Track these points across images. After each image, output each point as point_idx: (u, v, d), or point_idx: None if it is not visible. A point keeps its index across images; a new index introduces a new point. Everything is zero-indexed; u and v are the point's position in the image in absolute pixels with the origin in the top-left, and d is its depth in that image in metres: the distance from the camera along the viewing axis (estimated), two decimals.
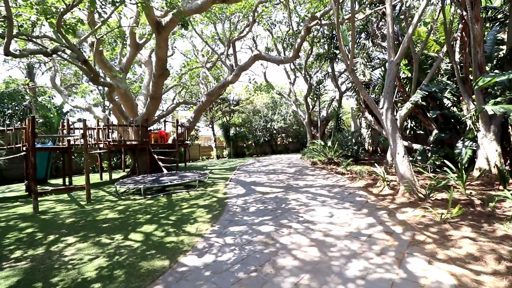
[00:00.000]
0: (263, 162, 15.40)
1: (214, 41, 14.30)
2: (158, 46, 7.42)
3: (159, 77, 8.38)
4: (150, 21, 6.54)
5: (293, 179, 8.16)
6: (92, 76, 6.00)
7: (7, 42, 3.58)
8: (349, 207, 4.82)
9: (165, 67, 8.22)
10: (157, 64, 8.10)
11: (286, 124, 26.74)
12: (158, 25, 6.64)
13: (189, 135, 12.42)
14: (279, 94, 19.27)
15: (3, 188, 10.06)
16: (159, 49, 7.53)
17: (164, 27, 6.72)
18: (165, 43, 7.30)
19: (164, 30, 6.78)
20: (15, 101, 14.42)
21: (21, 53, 4.27)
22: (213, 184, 8.00)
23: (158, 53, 7.67)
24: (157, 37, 7.02)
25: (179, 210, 5.23)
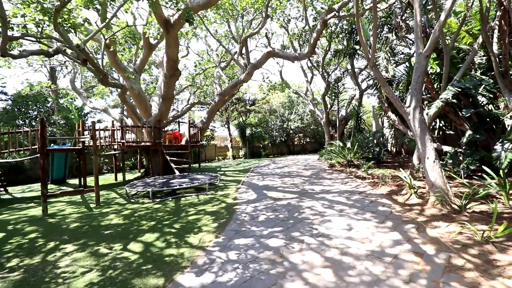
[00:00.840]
0: (278, 163, 14.94)
1: (229, 40, 14.05)
2: (168, 45, 7.23)
3: (171, 77, 8.21)
4: (159, 19, 6.34)
5: (308, 183, 7.65)
6: (100, 77, 5.90)
7: (3, 42, 3.47)
8: (370, 219, 4.28)
9: (176, 67, 8.03)
10: (168, 64, 7.93)
11: (303, 124, 26.05)
12: (166, 23, 6.43)
13: (203, 136, 12.23)
14: (295, 93, 18.68)
15: (25, 188, 10.39)
16: (169, 49, 7.34)
17: (173, 25, 6.49)
18: (174, 42, 7.09)
19: (173, 28, 6.55)
20: (39, 103, 15.00)
21: (21, 54, 4.19)
22: (224, 188, 7.68)
23: (168, 52, 7.49)
24: (166, 36, 6.82)
25: (185, 217, 4.94)
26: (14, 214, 5.93)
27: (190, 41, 13.38)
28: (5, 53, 3.74)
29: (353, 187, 6.75)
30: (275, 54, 8.06)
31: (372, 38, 4.95)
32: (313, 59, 17.09)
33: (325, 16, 6.93)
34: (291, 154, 27.67)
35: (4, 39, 3.50)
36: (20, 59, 6.07)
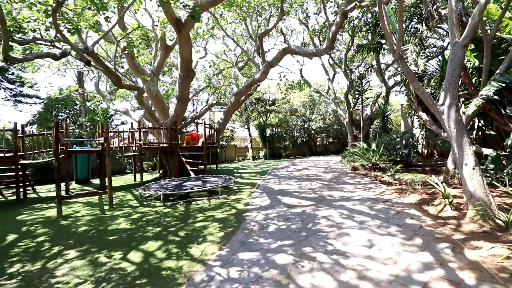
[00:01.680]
0: (298, 165, 14.39)
1: (247, 40, 13.79)
2: (181, 46, 7.09)
3: (185, 78, 8.10)
4: (169, 19, 6.21)
5: (327, 189, 7.12)
6: (114, 80, 5.89)
7: (4, 46, 3.47)
8: (395, 234, 3.74)
9: (190, 67, 7.90)
10: (181, 65, 7.81)
11: (325, 124, 25.14)
12: (178, 23, 6.28)
13: (219, 137, 12.07)
14: (316, 92, 17.99)
15: (51, 187, 10.86)
16: (182, 49, 7.21)
17: (184, 24, 6.33)
18: (187, 42, 6.94)
19: (184, 28, 6.39)
20: (68, 106, 15.80)
21: (25, 58, 4.22)
22: (238, 191, 7.39)
23: (181, 53, 7.37)
24: (178, 36, 6.68)
25: (192, 224, 4.70)
26: (33, 215, 6.08)
27: (208, 42, 13.32)
28: (8, 56, 3.75)
29: (377, 194, 6.13)
30: (291, 50, 7.61)
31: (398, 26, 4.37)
32: (335, 56, 16.33)
33: (345, 7, 6.37)
34: (313, 155, 26.86)
35: (5, 43, 3.50)
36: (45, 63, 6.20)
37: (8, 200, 8.16)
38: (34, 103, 18.24)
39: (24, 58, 4.23)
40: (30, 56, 4.32)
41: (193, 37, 10.13)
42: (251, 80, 9.34)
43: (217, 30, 12.18)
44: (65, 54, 4.58)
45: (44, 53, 4.56)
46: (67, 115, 16.59)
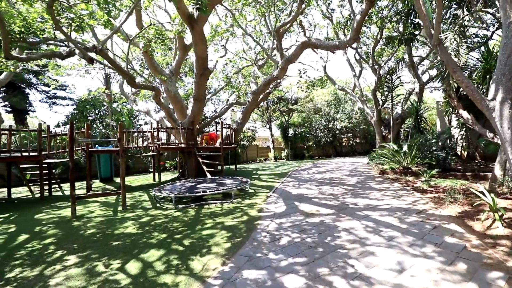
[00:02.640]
0: (320, 167, 13.67)
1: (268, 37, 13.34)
2: (195, 43, 6.86)
3: (201, 77, 7.87)
4: (182, 15, 5.98)
5: (351, 195, 6.47)
6: (127, 79, 5.81)
7: (4, 45, 3.41)
8: (432, 255, 3.10)
9: (206, 65, 7.65)
10: (197, 63, 7.60)
11: (351, 123, 23.92)
12: (190, 19, 6.04)
13: (238, 137, 11.77)
14: (341, 89, 17.03)
15: (78, 185, 11.26)
16: (196, 46, 6.98)
17: (197, 20, 6.07)
18: (201, 39, 6.68)
19: (197, 24, 6.13)
20: (96, 107, 16.48)
21: (29, 57, 4.19)
22: (254, 195, 6.99)
23: (196, 51, 7.15)
24: (192, 33, 6.45)
25: (199, 231, 4.38)
26: (50, 214, 6.17)
27: (228, 40, 13.08)
28: (10, 55, 3.71)
29: (409, 204, 5.39)
30: (311, 44, 7.03)
31: (436, 5, 3.68)
32: (361, 50, 15.30)
33: None
34: (338, 156, 25.75)
35: (5, 42, 3.44)
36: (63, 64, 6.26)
37: (35, 198, 8.49)
38: (67, 105, 19.36)
39: (28, 57, 4.23)
40: (34, 55, 4.32)
41: (210, 36, 9.93)
42: (269, 77, 8.88)
43: (236, 28, 11.89)
44: (71, 53, 4.55)
45: (49, 53, 4.55)
46: (96, 115, 17.32)
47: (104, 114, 17.47)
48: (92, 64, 4.87)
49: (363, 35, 13.94)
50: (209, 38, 9.96)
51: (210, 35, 9.81)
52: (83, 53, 4.51)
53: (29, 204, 7.41)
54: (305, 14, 12.54)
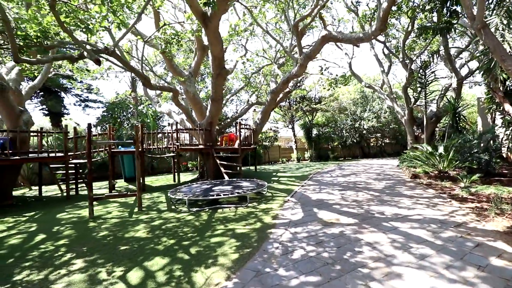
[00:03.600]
0: (345, 169, 12.94)
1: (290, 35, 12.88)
2: (210, 42, 6.69)
3: (217, 77, 7.70)
4: (195, 13, 5.83)
5: (377, 202, 5.87)
6: (143, 81, 5.79)
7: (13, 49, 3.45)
8: (475, 281, 2.56)
9: (222, 65, 7.46)
10: (213, 63, 7.43)
11: (379, 122, 22.56)
12: (204, 17, 5.86)
13: (257, 138, 11.49)
14: (368, 87, 16.03)
15: (103, 184, 11.70)
16: (211, 46, 6.81)
17: (211, 18, 5.87)
18: (216, 38, 6.48)
19: (211, 22, 5.93)
20: (123, 110, 17.14)
21: (39, 60, 4.24)
22: (270, 199, 6.65)
23: (212, 50, 6.98)
24: (206, 32, 6.28)
25: (208, 238, 4.15)
26: (71, 213, 6.33)
27: (248, 39, 12.85)
28: (18, 58, 3.76)
29: (446, 214, 4.72)
30: (332, 38, 6.50)
31: None
32: (390, 44, 14.24)
33: None
34: (366, 157, 24.51)
35: (13, 46, 3.49)
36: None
37: (63, 196, 8.89)
38: (98, 107, 20.44)
39: (38, 60, 4.31)
40: (45, 58, 4.40)
41: (229, 35, 9.75)
42: (288, 75, 8.46)
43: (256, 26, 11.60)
44: (82, 56, 4.59)
45: (60, 56, 4.62)
46: (124, 117, 18.04)
47: (131, 116, 18.15)
48: (99, 65, 4.89)
49: (392, 28, 12.96)
50: (227, 37, 9.80)
51: (228, 34, 9.65)
52: (90, 54, 4.52)
53: (55, 203, 7.74)
54: (328, 8, 11.93)
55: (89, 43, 4.97)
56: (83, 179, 10.46)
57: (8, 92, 6.81)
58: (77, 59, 4.60)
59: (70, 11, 4.11)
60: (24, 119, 7.75)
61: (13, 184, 7.84)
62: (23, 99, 8.17)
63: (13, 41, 3.57)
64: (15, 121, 7.25)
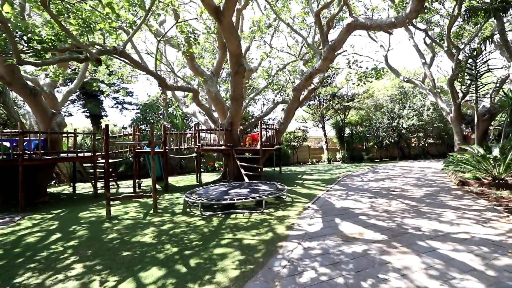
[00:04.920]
0: (379, 172, 11.82)
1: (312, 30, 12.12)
2: (226, 38, 6.37)
3: (236, 75, 7.38)
4: (208, 8, 5.54)
5: (413, 213, 5.04)
6: (158, 82, 5.70)
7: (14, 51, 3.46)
8: None
9: (240, 62, 7.10)
10: (230, 61, 7.12)
11: (421, 121, 20.48)
12: (217, 12, 5.55)
13: (280, 138, 10.97)
14: (408, 81, 14.50)
15: (130, 183, 12.11)
16: (227, 42, 6.49)
17: (224, 12, 5.54)
18: (231, 33, 6.13)
19: (225, 16, 5.60)
20: (154, 111, 17.79)
21: (44, 62, 4.25)
22: (289, 205, 6.14)
23: (228, 47, 6.67)
24: (220, 28, 5.97)
25: (212, 248, 3.81)
26: (93, 212, 6.49)
27: (273, 36, 12.37)
28: (21, 60, 3.78)
29: (502, 234, 3.80)
30: (359, 25, 5.70)
31: None
32: (433, 33, 12.67)
33: None
34: (405, 158, 22.53)
35: (14, 47, 3.50)
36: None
37: (93, 194, 9.29)
38: (133, 109, 21.57)
39: (43, 62, 4.36)
40: (50, 60, 4.44)
41: (250, 32, 9.40)
42: (311, 70, 7.80)
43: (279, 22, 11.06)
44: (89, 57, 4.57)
45: (66, 57, 4.66)
46: (155, 118, 18.74)
47: (161, 117, 18.78)
48: (100, 64, 4.84)
49: (434, 13, 11.47)
50: (249, 34, 9.46)
51: (250, 31, 9.30)
52: (90, 54, 4.47)
53: (83, 201, 8.08)
54: None
55: (99, 44, 5.03)
56: (113, 178, 10.92)
57: (40, 96, 7.26)
58: (84, 60, 4.62)
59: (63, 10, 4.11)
60: (57, 121, 8.22)
61: (47, 182, 8.36)
62: (57, 102, 8.70)
63: (13, 43, 3.63)
64: (47, 123, 7.71)
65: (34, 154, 7.16)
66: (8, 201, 7.24)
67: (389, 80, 25.12)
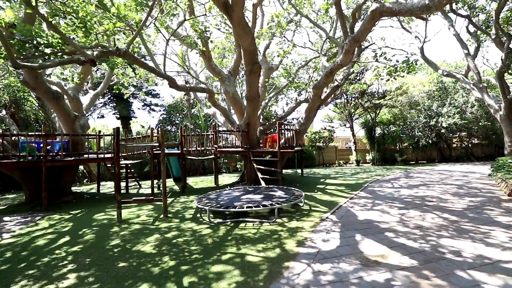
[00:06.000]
0: (414, 177, 10.67)
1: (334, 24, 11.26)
2: (237, 34, 5.98)
3: (250, 74, 6.97)
4: (216, 2, 5.19)
5: (452, 231, 4.23)
6: (168, 83, 5.52)
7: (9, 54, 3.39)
8: None
9: (254, 60, 6.68)
10: (244, 58, 6.73)
11: (464, 119, 18.37)
12: (226, 6, 5.17)
13: (300, 139, 10.36)
14: (447, 75, 12.97)
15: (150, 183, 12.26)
16: (240, 39, 6.10)
17: (233, 6, 5.15)
18: (243, 29, 5.72)
19: (234, 11, 5.21)
20: (178, 112, 18.08)
21: (41, 65, 4.19)
22: (306, 214, 5.59)
23: (241, 44, 6.29)
24: (231, 23, 5.60)
25: (212, 264, 3.44)
26: (107, 214, 6.52)
27: (294, 33, 11.79)
28: (17, 64, 3.72)
29: None
30: (386, 11, 4.91)
31: None
32: (478, 19, 11.13)
33: None
34: (445, 161, 20.48)
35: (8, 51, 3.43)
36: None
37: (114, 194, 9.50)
38: (159, 111, 22.21)
39: (40, 65, 4.31)
40: (49, 63, 4.39)
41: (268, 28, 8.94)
42: (332, 66, 7.08)
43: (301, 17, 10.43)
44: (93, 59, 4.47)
45: (67, 59, 4.58)
46: (180, 119, 19.07)
47: (184, 118, 19.06)
48: (94, 65, 4.71)
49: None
50: (267, 30, 9.01)
51: (268, 27, 8.84)
52: (84, 54, 4.33)
53: (103, 201, 8.24)
54: None
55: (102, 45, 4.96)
56: (135, 178, 11.15)
57: (63, 99, 7.51)
58: (85, 62, 4.55)
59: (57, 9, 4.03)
60: (80, 123, 8.48)
61: (71, 182, 8.67)
62: (81, 106, 9.01)
63: (7, 47, 3.59)
64: (71, 125, 7.98)
65: (57, 155, 7.42)
66: (34, 200, 7.59)
67: (425, 75, 23.00)
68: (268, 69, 11.30)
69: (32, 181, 7.45)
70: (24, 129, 12.95)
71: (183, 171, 9.53)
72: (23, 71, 5.84)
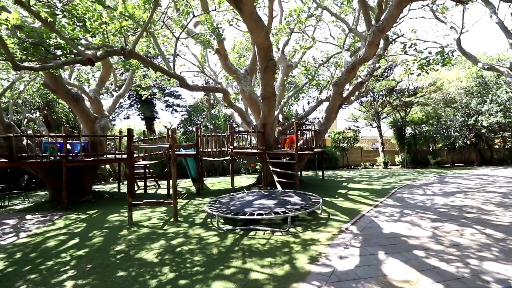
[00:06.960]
0: (449, 182, 9.62)
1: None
2: (249, 29, 5.63)
3: (265, 71, 6.60)
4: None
5: (497, 252, 3.53)
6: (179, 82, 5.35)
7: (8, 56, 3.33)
8: None
9: (269, 56, 6.29)
10: (258, 55, 6.36)
11: (508, 118, 16.48)
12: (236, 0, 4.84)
13: (320, 140, 9.78)
14: (489, 69, 11.58)
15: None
16: (252, 34, 5.74)
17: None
18: (255, 23, 5.35)
19: (244, 3, 4.86)
20: (199, 112, 18.20)
21: (43, 66, 4.12)
22: (322, 224, 5.10)
23: (254, 40, 5.95)
24: (242, 17, 5.25)
25: (212, 279, 3.14)
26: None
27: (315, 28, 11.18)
28: (16, 66, 3.67)
29: None
30: None
31: None
32: None
33: None
34: (486, 164, 18.66)
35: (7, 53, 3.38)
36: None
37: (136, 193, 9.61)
38: (181, 111, 22.58)
39: (42, 66, 4.27)
40: (51, 64, 4.33)
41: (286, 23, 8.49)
42: (354, 60, 6.43)
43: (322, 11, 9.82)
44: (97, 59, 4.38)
45: (70, 60, 4.50)
46: (201, 120, 19.20)
47: (205, 118, 19.15)
48: (92, 65, 4.58)
49: None
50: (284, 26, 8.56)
51: (286, 22, 8.40)
52: (81, 54, 4.21)
53: (120, 201, 8.33)
54: None
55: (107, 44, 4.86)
56: (154, 179, 11.27)
57: (83, 101, 7.69)
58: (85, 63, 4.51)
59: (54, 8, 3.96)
60: (100, 124, 8.65)
61: (91, 182, 8.89)
62: (102, 107, 9.22)
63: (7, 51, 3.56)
64: (91, 126, 8.16)
65: (76, 156, 7.61)
66: (57, 199, 7.84)
67: (463, 69, 20.97)
68: (287, 67, 10.83)
69: (55, 181, 7.70)
70: (56, 130, 13.66)
71: (199, 172, 9.40)
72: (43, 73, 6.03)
